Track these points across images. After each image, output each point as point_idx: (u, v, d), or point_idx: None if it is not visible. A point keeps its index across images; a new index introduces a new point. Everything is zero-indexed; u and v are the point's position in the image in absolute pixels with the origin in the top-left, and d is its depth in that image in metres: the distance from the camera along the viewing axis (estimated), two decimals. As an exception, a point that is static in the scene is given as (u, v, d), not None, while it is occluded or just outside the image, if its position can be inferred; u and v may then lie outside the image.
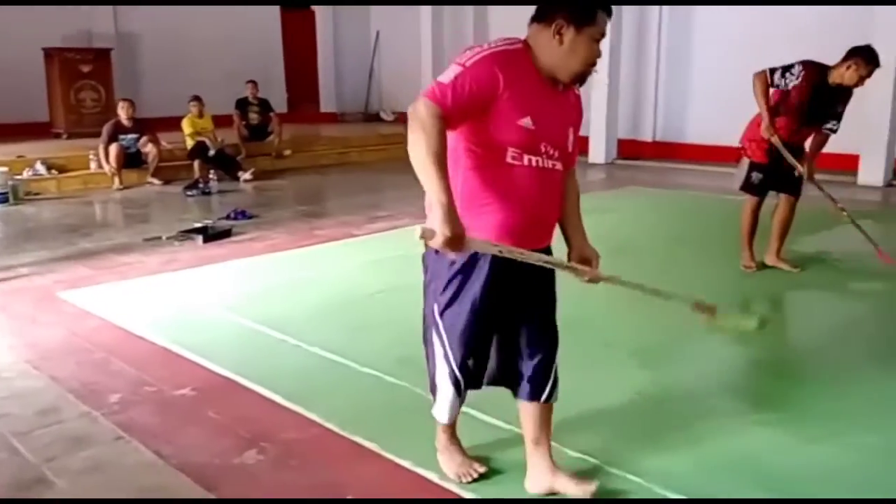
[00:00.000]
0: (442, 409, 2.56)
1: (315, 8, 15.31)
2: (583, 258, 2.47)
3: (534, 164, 2.23)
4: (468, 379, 2.46)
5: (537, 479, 2.58)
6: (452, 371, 2.44)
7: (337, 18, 15.50)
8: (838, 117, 5.01)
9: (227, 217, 7.30)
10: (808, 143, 5.28)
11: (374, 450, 2.93)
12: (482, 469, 2.66)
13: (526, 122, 2.16)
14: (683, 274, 5.35)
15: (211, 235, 6.48)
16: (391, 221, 7.18)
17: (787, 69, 4.90)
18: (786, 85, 4.90)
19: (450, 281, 2.38)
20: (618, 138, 11.60)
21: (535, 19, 2.24)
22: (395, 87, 15.34)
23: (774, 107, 4.99)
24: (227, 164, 9.83)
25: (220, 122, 10.49)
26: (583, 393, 3.41)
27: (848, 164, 9.24)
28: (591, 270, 2.45)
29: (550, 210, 2.38)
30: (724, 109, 10.61)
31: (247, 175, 9.77)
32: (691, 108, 11.41)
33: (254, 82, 10.98)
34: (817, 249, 5.94)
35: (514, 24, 12.49)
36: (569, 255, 2.49)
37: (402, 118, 15.46)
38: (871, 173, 9.06)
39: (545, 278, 2.47)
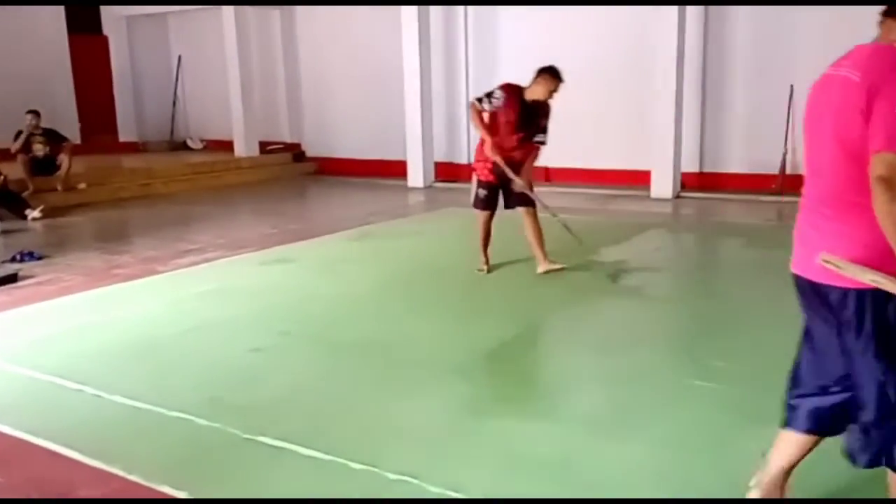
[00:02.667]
0: None
1: (107, 33, 14.42)
2: None
3: None
4: None
5: None
6: None
7: (132, 43, 14.67)
8: (544, 130, 5.68)
9: (13, 260, 6.61)
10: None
11: (184, 497, 2.74)
12: None
13: None
14: (487, 287, 5.62)
15: (-8, 281, 5.82)
16: (200, 255, 6.82)
17: (489, 94, 5.56)
18: (494, 107, 5.51)
19: None
20: (434, 161, 11.84)
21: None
22: (203, 114, 14.74)
23: (494, 129, 5.55)
24: (11, 202, 8.92)
25: (3, 156, 9.51)
26: (402, 413, 3.42)
27: (641, 179, 10.05)
28: None
29: None
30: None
31: (35, 213, 8.91)
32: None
33: (35, 112, 10.02)
34: (616, 259, 6.34)
35: (321, 37, 12.35)
36: None
37: (211, 145, 14.91)
38: (661, 187, 9.87)
39: None
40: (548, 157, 10.91)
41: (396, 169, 11.92)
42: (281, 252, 6.93)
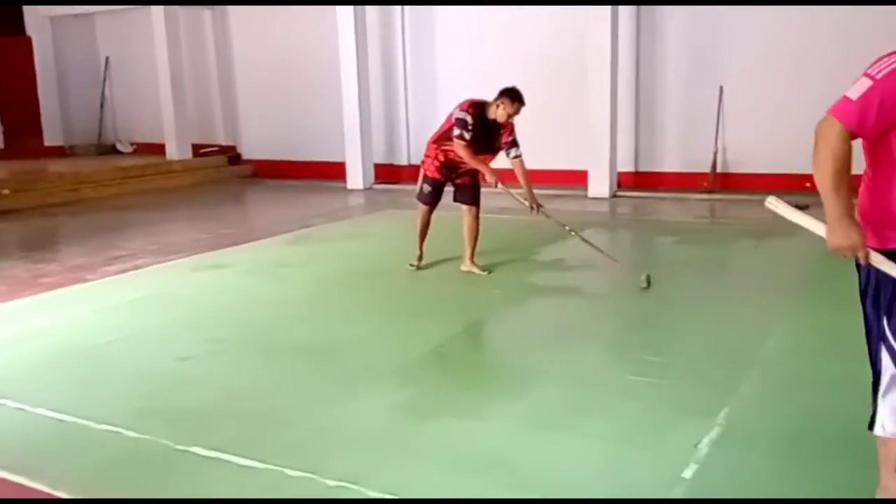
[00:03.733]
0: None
1: (31, 33, 13.88)
2: None
3: None
4: None
5: None
6: None
7: (57, 44, 14.11)
8: (515, 145, 5.68)
9: (-72, 269, 6.28)
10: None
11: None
12: None
13: None
14: (427, 287, 5.63)
15: None
16: (130, 262, 6.61)
17: (464, 123, 5.46)
18: (470, 132, 5.47)
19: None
20: (374, 163, 11.76)
21: None
22: (133, 117, 14.29)
23: (451, 145, 5.57)
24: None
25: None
26: (342, 418, 3.36)
27: (579, 179, 10.16)
28: None
29: None
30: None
31: (-46, 220, 8.52)
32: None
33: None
34: (554, 257, 6.39)
35: (256, 37, 12.05)
36: None
37: (141, 149, 14.43)
38: (598, 187, 10.01)
39: None
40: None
41: (335, 171, 11.78)
42: (215, 257, 6.77)
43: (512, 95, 5.46)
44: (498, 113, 5.48)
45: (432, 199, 5.89)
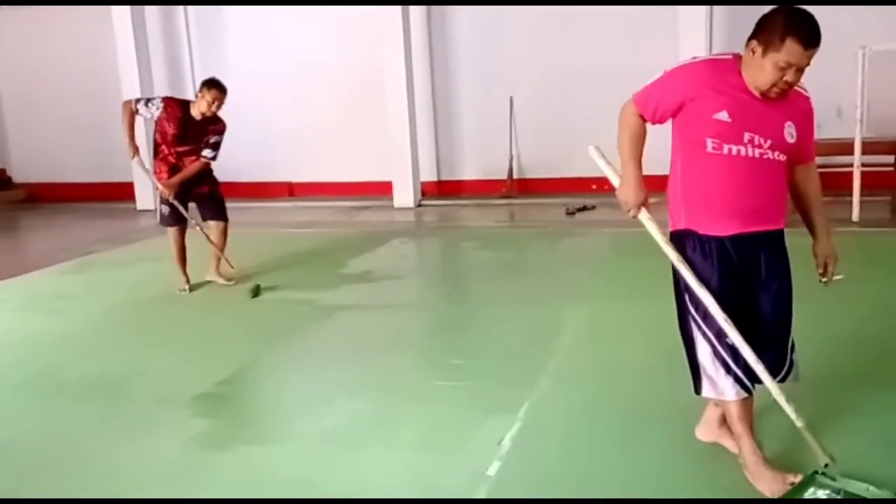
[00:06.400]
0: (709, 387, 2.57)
1: None
2: (817, 254, 2.62)
3: (734, 153, 2.40)
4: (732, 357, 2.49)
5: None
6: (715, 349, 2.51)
7: None
8: (213, 147, 5.56)
9: None
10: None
11: None
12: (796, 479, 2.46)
13: (721, 115, 2.38)
14: (222, 310, 5.33)
15: None
16: None
17: (149, 100, 5.52)
18: (151, 116, 5.45)
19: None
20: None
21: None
22: None
23: (162, 137, 5.51)
24: None
25: None
26: (129, 457, 3.06)
27: (384, 190, 10.17)
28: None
29: (763, 196, 2.47)
30: (268, 144, 10.81)
31: None
32: (242, 145, 11.27)
33: None
34: (362, 269, 6.30)
35: (21, 46, 10.91)
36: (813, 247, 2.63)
37: None
38: (403, 197, 10.07)
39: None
40: (291, 171, 10.79)
41: (125, 191, 10.93)
42: (-23, 292, 5.99)
43: (207, 84, 5.41)
44: (201, 105, 5.40)
45: (175, 219, 5.63)
